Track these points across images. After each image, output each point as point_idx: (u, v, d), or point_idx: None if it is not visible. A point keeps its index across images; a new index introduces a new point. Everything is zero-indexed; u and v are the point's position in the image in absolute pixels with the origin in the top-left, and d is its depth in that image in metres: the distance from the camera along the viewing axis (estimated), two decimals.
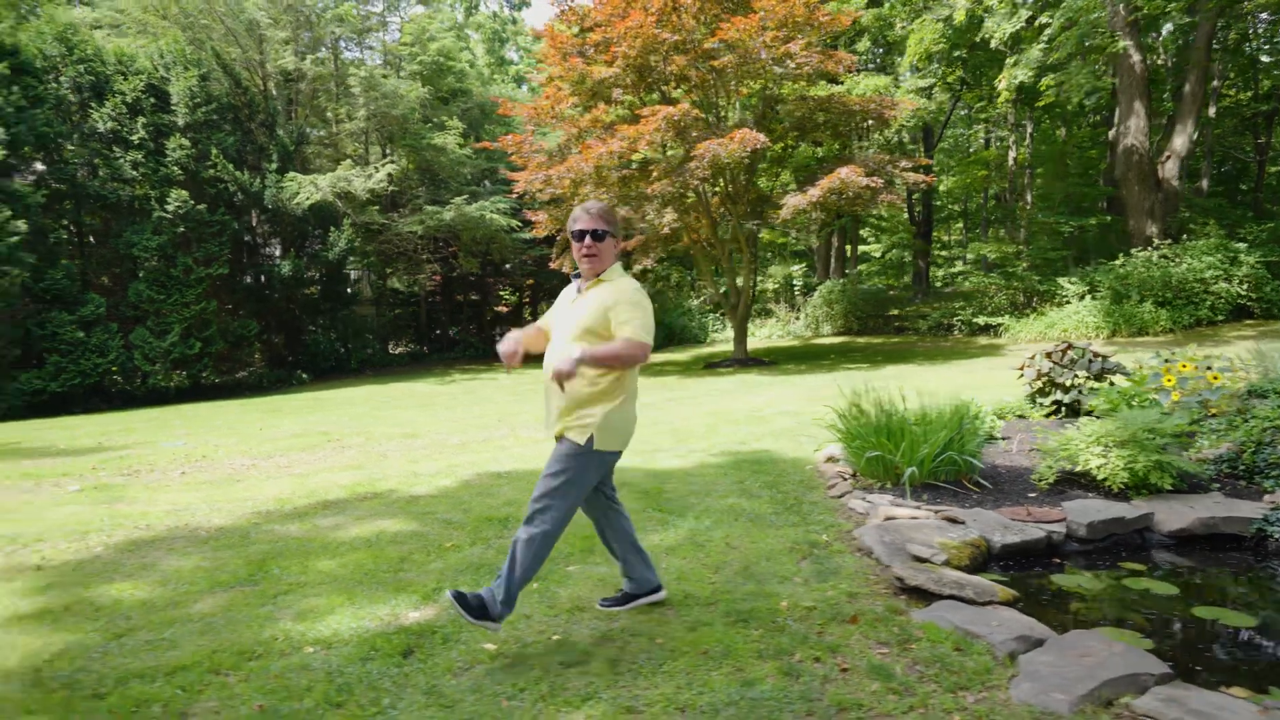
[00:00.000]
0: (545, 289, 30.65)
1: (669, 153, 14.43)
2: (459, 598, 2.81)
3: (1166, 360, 6.10)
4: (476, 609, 2.80)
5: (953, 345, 19.58)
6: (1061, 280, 18.70)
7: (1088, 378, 6.88)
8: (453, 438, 8.69)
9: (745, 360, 17.56)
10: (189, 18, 18.84)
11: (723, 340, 28.35)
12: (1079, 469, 4.50)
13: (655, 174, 14.37)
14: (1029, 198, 29.40)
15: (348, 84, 19.78)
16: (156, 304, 16.65)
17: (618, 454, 3.00)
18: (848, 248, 32.27)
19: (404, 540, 4.48)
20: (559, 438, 2.92)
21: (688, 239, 17.31)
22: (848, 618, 2.90)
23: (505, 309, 33.17)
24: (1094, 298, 17.55)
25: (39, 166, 16.00)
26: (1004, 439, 5.97)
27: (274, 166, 18.66)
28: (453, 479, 6.24)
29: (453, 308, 28.72)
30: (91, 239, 17.46)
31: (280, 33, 19.27)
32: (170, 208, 16.47)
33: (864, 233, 34.32)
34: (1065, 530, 3.78)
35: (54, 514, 5.32)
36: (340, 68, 20.26)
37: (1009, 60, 16.24)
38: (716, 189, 16.09)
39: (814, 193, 13.67)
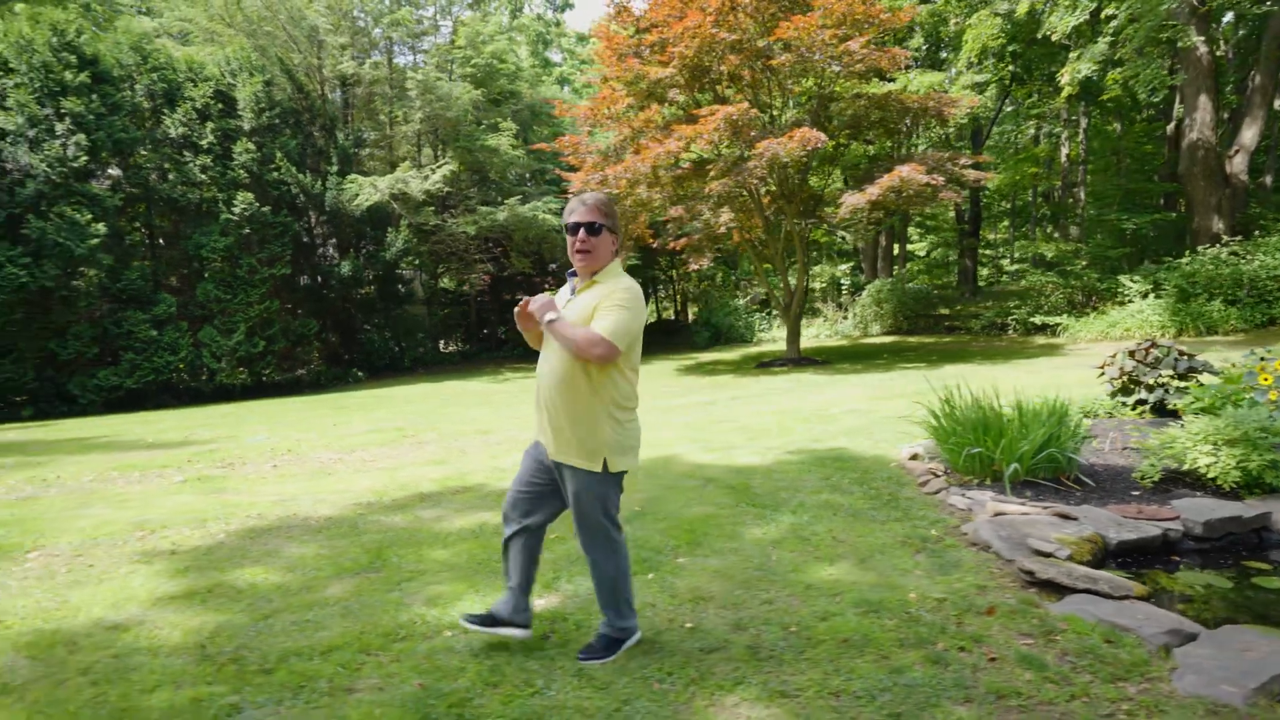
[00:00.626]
0: None
1: (724, 152, 14.45)
2: (586, 653, 2.79)
3: (1262, 358, 5.97)
4: (603, 649, 2.80)
5: (1008, 345, 19.27)
6: (1123, 278, 18.30)
7: (1173, 376, 6.77)
8: (523, 434, 8.84)
9: (799, 359, 17.50)
10: (252, 25, 19.40)
11: (769, 339, 28.26)
12: (1185, 467, 4.45)
13: (712, 173, 14.41)
14: (1082, 195, 28.81)
15: (405, 87, 20.18)
16: (223, 303, 17.17)
17: (624, 472, 2.82)
18: (895, 246, 31.95)
19: (444, 542, 4.59)
20: (561, 465, 2.74)
21: (737, 238, 17.32)
22: (983, 609, 2.94)
23: None
24: (1158, 296, 17.15)
25: (114, 171, 16.59)
26: (1094, 437, 5.91)
27: (334, 169, 19.12)
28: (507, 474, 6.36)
29: (501, 307, 29.08)
30: (161, 241, 18.04)
31: (339, 38, 19.74)
32: (237, 210, 16.98)
33: (911, 231, 33.94)
34: (1181, 528, 3.75)
35: (168, 503, 5.56)
36: (395, 71, 20.65)
37: (1072, 54, 15.93)
38: (769, 188, 16.07)
39: (873, 191, 13.58)
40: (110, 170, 16.41)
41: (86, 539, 4.57)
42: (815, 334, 27.41)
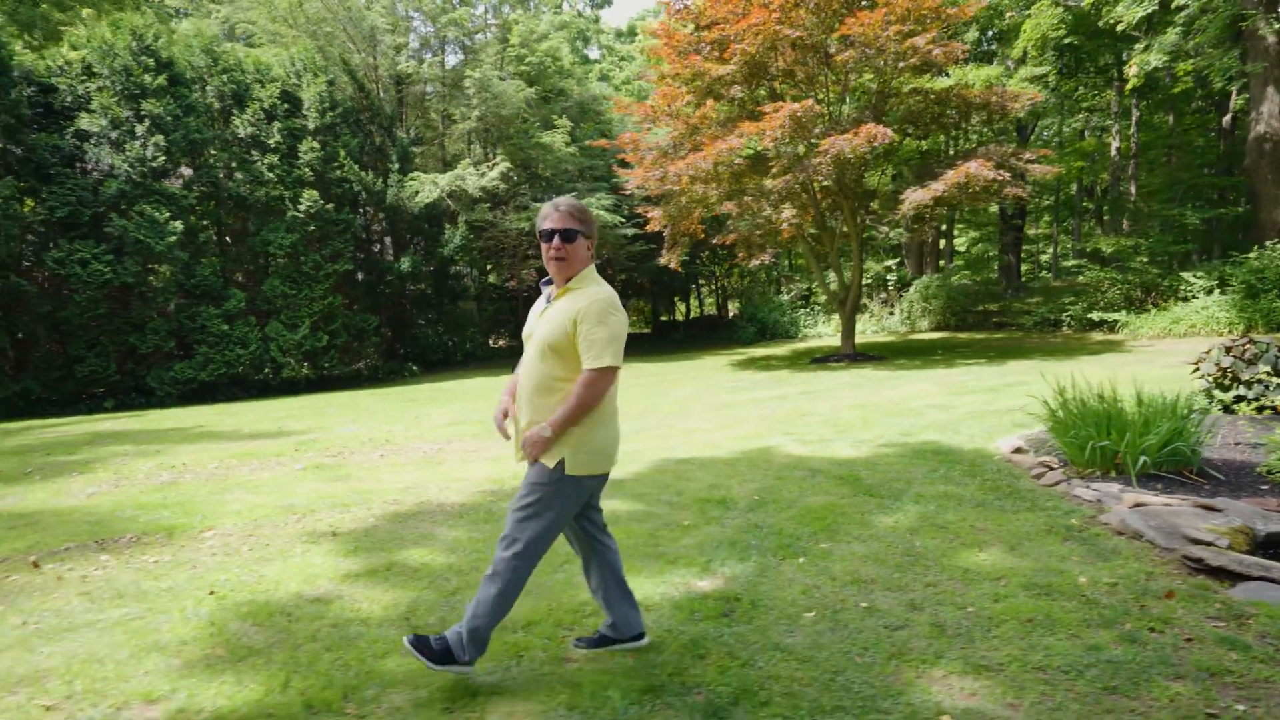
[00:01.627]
0: (636, 285, 31.06)
1: (785, 148, 14.52)
2: (418, 644, 2.60)
3: None
4: (440, 654, 2.59)
5: (1065, 341, 19.11)
6: (1186, 274, 18.04)
7: (1270, 373, 6.77)
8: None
9: (855, 355, 17.53)
10: (313, 25, 19.85)
11: (814, 335, 28.24)
12: None
13: (774, 169, 14.50)
14: (1133, 188, 28.34)
15: (462, 86, 20.50)
16: (288, 299, 17.62)
17: (601, 479, 2.72)
18: (941, 242, 31.72)
19: (640, 519, 4.79)
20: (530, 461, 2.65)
21: (787, 234, 17.36)
22: (1160, 593, 3.06)
23: None
24: (1223, 292, 16.90)
25: (185, 171, 17.09)
26: (1205, 433, 5.95)
27: (396, 167, 19.51)
28: (639, 464, 6.54)
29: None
30: (228, 238, 18.55)
31: (398, 38, 20.12)
32: (302, 207, 17.41)
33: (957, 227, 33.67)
34: None
35: (302, 489, 5.83)
36: (450, 70, 20.98)
37: (1138, 45, 15.73)
38: (825, 183, 16.10)
39: (937, 187, 13.57)
40: (182, 170, 16.91)
41: (248, 520, 4.85)
42: (862, 329, 27.29)
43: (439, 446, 7.91)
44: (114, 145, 15.22)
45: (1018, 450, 6.12)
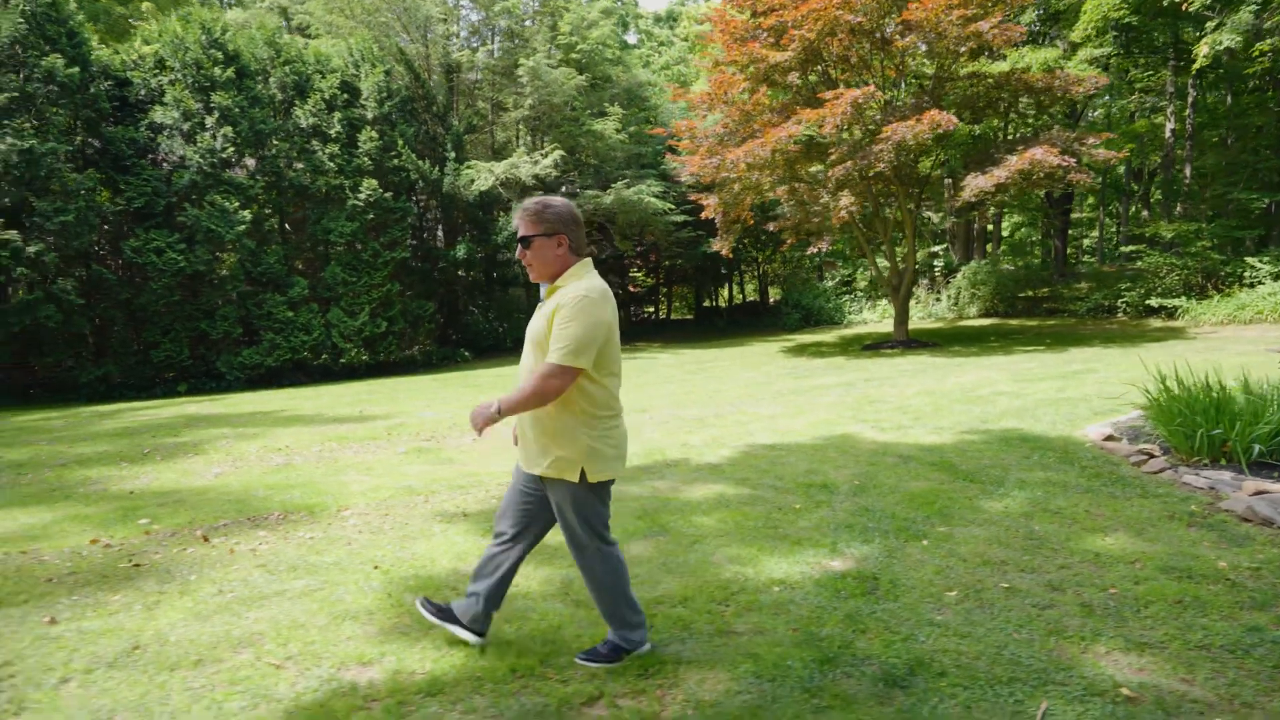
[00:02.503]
0: (679, 272, 31.14)
1: (845, 135, 14.49)
2: (590, 657, 2.76)
3: None
4: (608, 654, 2.76)
5: (1121, 328, 18.86)
6: (1251, 260, 17.68)
7: None
8: (682, 412, 9.20)
9: (908, 342, 17.48)
10: (369, 15, 20.16)
11: (859, 322, 28.13)
12: None
13: (833, 156, 14.48)
14: (1188, 171, 27.67)
15: (513, 74, 20.70)
16: (349, 286, 18.03)
17: (611, 482, 2.75)
18: (989, 227, 31.29)
19: (750, 502, 4.95)
20: (543, 480, 2.69)
21: (838, 220, 17.30)
22: None
23: (636, 289, 33.91)
24: None
25: (248, 161, 17.52)
26: None
27: (452, 155, 19.81)
28: (728, 450, 6.70)
29: None
30: (288, 226, 18.98)
31: (451, 27, 20.35)
32: (362, 196, 17.77)
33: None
34: None
35: (413, 470, 6.09)
36: (504, 58, 21.17)
37: (1209, 25, 15.38)
38: (884, 170, 16.04)
39: (1000, 174, 13.47)
40: (246, 160, 17.34)
41: (377, 501, 5.11)
42: (909, 316, 27.12)
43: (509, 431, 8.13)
44: (185, 137, 15.68)
45: (1109, 438, 6.17)
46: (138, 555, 4.00)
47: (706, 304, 34.61)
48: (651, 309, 33.86)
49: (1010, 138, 17.59)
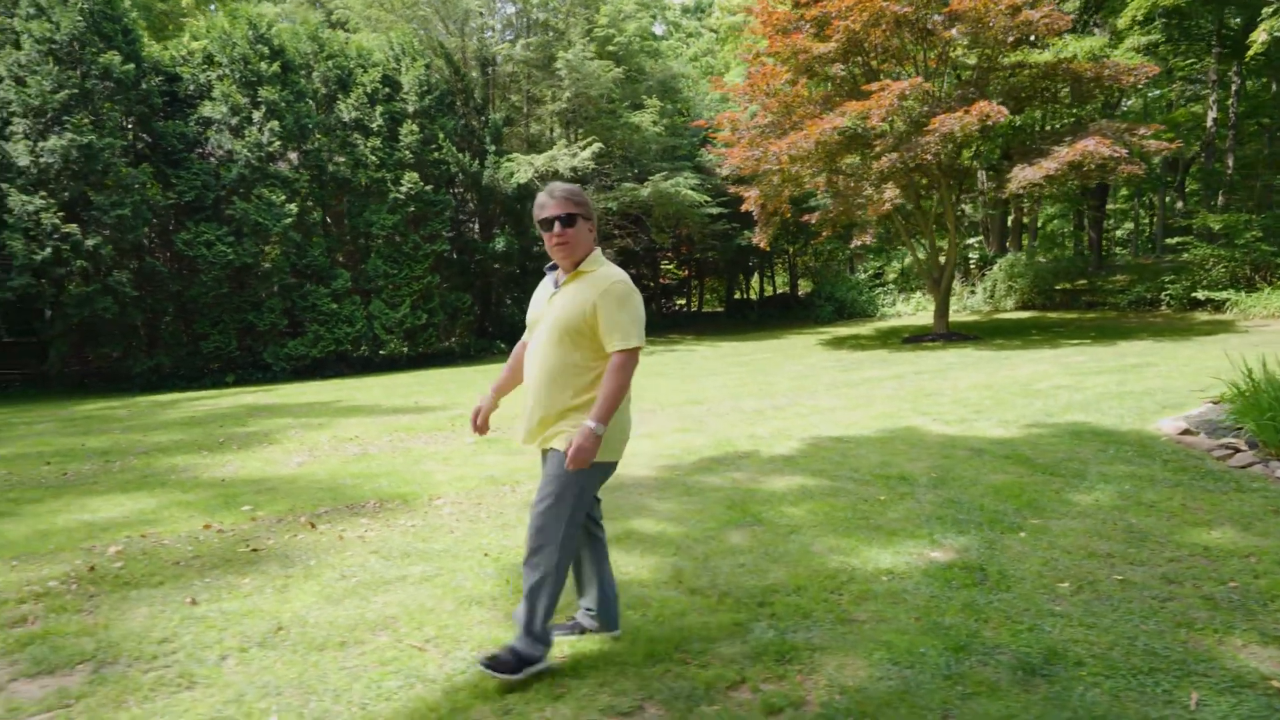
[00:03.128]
0: (710, 265, 31.11)
1: (892, 127, 14.38)
2: (491, 664, 2.58)
3: None
4: (513, 665, 2.58)
5: (1166, 321, 18.61)
6: None
7: None
8: (740, 404, 9.24)
9: (949, 334, 17.39)
10: (408, 9, 20.31)
11: (892, 314, 27.95)
12: None
13: (878, 148, 14.40)
14: (1230, 161, 27.13)
15: (550, 67, 20.77)
16: (390, 278, 18.24)
17: (615, 464, 2.71)
18: (1025, 219, 30.89)
19: (832, 493, 4.98)
20: (545, 451, 2.67)
21: (874, 213, 17.19)
22: None
23: (668, 281, 33.92)
24: None
25: (291, 156, 17.75)
26: None
27: (493, 148, 19.94)
28: (795, 441, 6.73)
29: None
30: (328, 219, 19.21)
31: (489, 20, 20.44)
32: (403, 189, 17.95)
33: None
34: None
35: (488, 461, 6.19)
36: (540, 51, 21.22)
37: (1266, 10, 15.07)
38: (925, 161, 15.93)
39: (1049, 165, 13.33)
40: (289, 154, 17.56)
41: (466, 490, 5.21)
42: (936, 309, 26.89)
43: None
44: (233, 131, 15.91)
45: (1185, 432, 6.12)
46: (252, 540, 4.13)
47: (737, 296, 34.56)
48: (683, 301, 33.86)
49: (1052, 128, 17.33)
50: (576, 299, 2.56)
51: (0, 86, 13.34)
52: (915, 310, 27.83)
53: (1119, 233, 42.00)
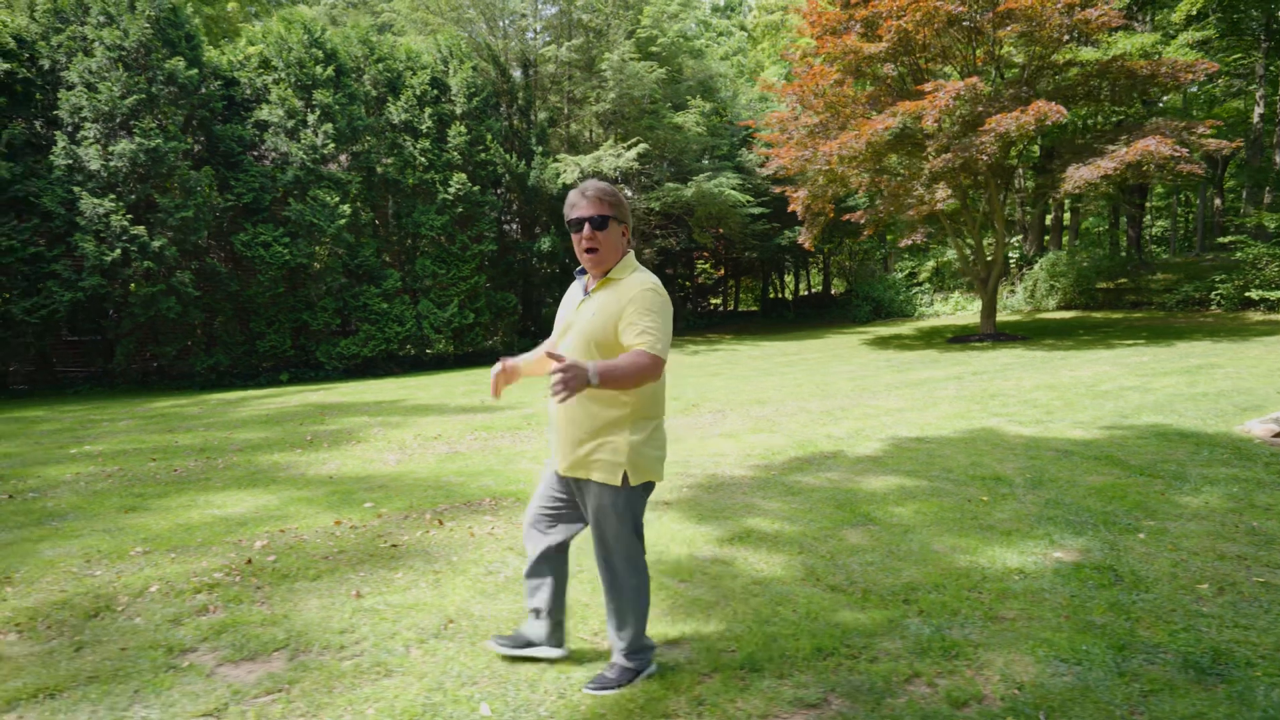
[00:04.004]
0: (746, 264, 31.11)
1: (947, 127, 14.34)
2: (599, 684, 2.61)
3: None
4: (616, 680, 2.61)
5: (1218, 321, 18.37)
6: None
7: None
8: (806, 405, 9.30)
9: (996, 335, 17.30)
10: (455, 11, 20.56)
11: (930, 314, 27.81)
12: None
13: (931, 148, 14.37)
14: (1278, 158, 26.64)
15: (593, 68, 20.92)
16: (438, 278, 18.49)
17: (654, 484, 2.61)
18: (1066, 217, 30.56)
19: (933, 494, 5.04)
20: (579, 481, 2.56)
21: (917, 214, 17.12)
22: None
23: (701, 280, 33.95)
24: None
25: (341, 158, 18.03)
26: None
27: (540, 149, 20.14)
28: (876, 442, 6.79)
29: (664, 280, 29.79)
30: (376, 221, 19.50)
31: (533, 22, 20.65)
32: (452, 190, 18.18)
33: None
34: None
35: None
36: (582, 52, 21.38)
37: None
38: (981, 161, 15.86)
39: (1106, 164, 13.23)
40: (340, 156, 17.84)
41: None
42: (981, 308, 26.71)
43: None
44: (289, 134, 16.21)
45: (1278, 435, 6.13)
46: (387, 536, 4.28)
47: (772, 295, 34.53)
48: (717, 300, 33.90)
49: (1099, 127, 17.16)
50: (606, 309, 2.41)
51: (73, 93, 13.70)
52: (954, 310, 27.67)
53: (1153, 230, 41.40)
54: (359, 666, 2.79)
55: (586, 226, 2.42)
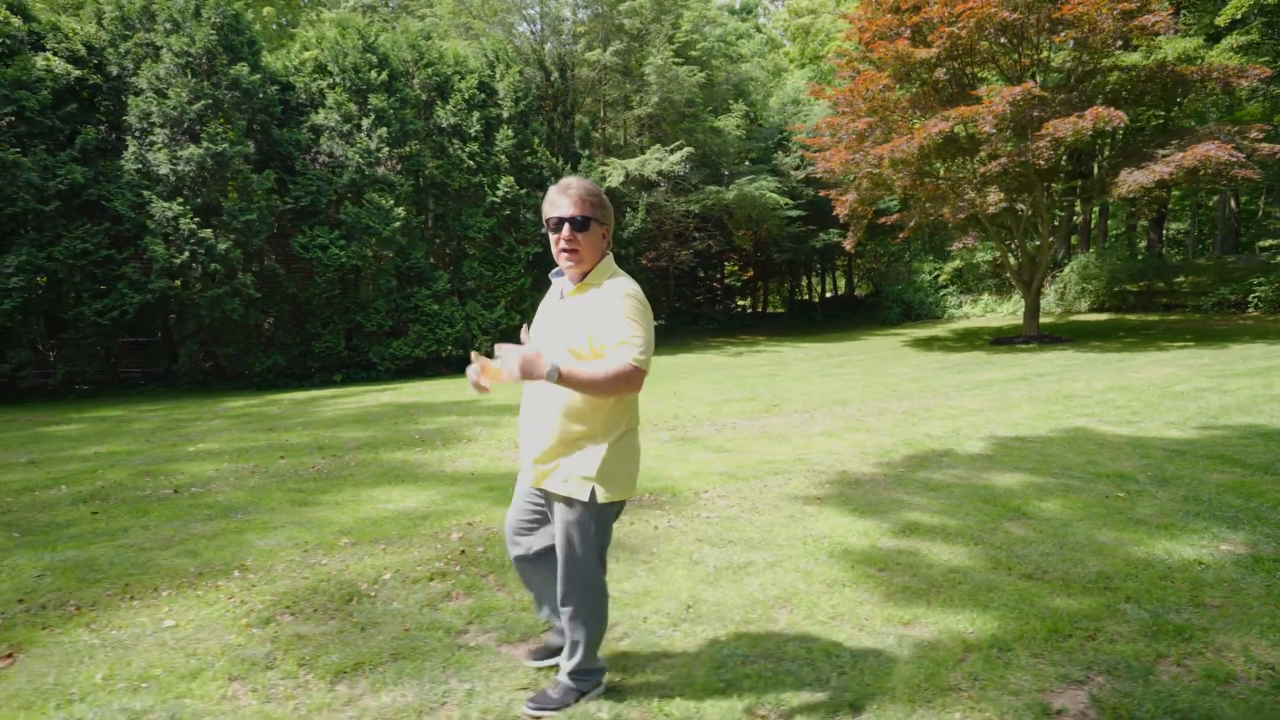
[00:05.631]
0: (774, 267, 31.28)
1: (1004, 131, 14.50)
2: (538, 703, 2.54)
3: None
4: (558, 702, 2.53)
5: (1259, 324, 18.50)
6: None
7: None
8: (885, 405, 9.46)
9: (1040, 337, 17.45)
10: (498, 16, 20.84)
11: (960, 316, 27.96)
12: None
13: (984, 152, 14.55)
14: None
15: (637, 72, 21.17)
16: (485, 280, 18.74)
17: (624, 502, 2.51)
18: (1094, 219, 30.66)
19: (1067, 490, 5.20)
20: (547, 494, 2.45)
21: (949, 213, 17.23)
22: None
23: (728, 282, 34.14)
24: None
25: (392, 161, 18.25)
26: None
27: (586, 152, 20.40)
28: (979, 442, 6.94)
29: (683, 282, 30.04)
30: (428, 223, 19.73)
31: (579, 27, 20.90)
32: (500, 193, 18.41)
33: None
34: None
35: (699, 458, 6.51)
36: (624, 56, 21.62)
37: None
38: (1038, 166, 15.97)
39: (1161, 169, 13.39)
40: (391, 159, 18.07)
41: (721, 485, 5.53)
42: (1012, 310, 26.88)
43: (755, 422, 8.53)
44: (344, 138, 16.47)
45: None
46: None
47: (800, 297, 34.72)
48: (745, 302, 34.10)
49: (1149, 132, 17.32)
50: (583, 315, 2.31)
51: (141, 98, 13.96)
52: (984, 312, 27.81)
53: (1167, 232, 41.43)
54: (634, 646, 3.00)
55: (566, 227, 2.28)
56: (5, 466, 7.11)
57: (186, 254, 13.80)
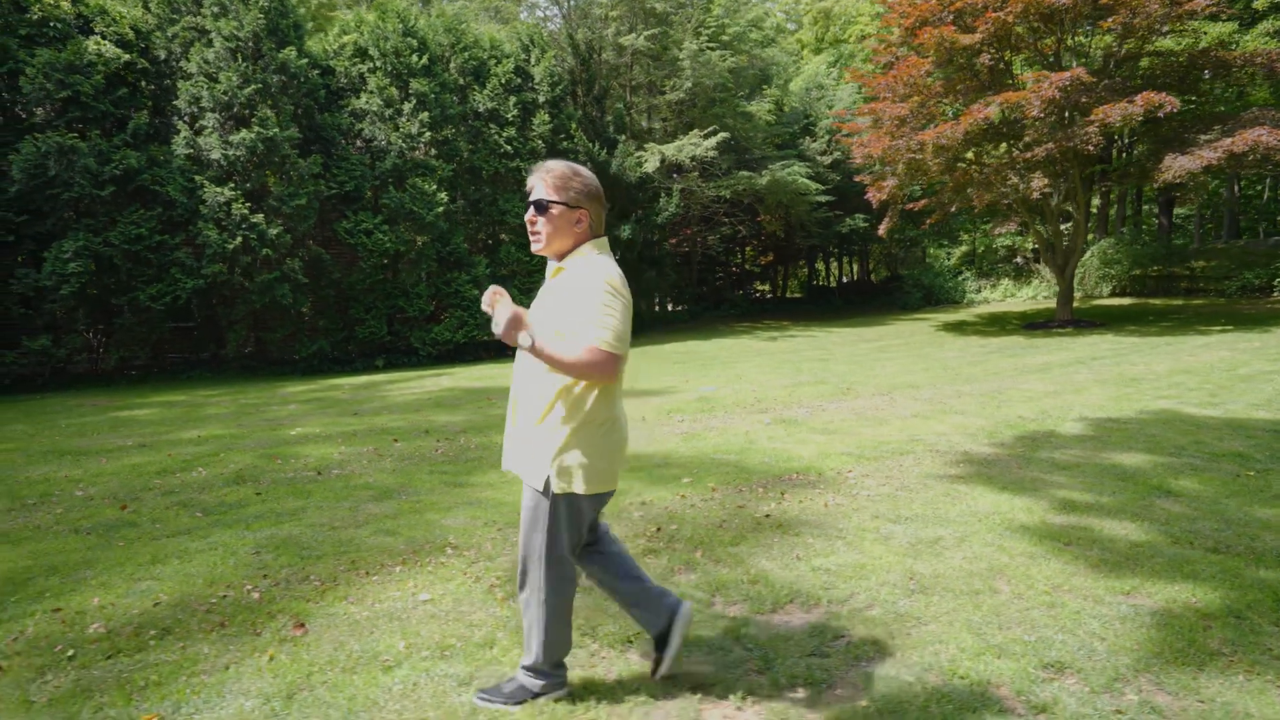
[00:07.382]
0: (793, 251, 31.38)
1: (1051, 117, 14.59)
2: (488, 694, 2.47)
3: None
4: (507, 698, 2.44)
5: None
6: None
7: None
8: (959, 389, 9.62)
9: (1075, 321, 17.64)
10: (532, 1, 20.83)
11: (980, 300, 28.13)
12: None
13: (1029, 138, 14.65)
14: None
15: (670, 57, 21.16)
16: (522, 264, 18.79)
17: (605, 498, 2.37)
18: (1112, 204, 30.81)
19: (1191, 469, 5.33)
20: (520, 477, 2.35)
21: (988, 196, 17.31)
22: None
23: (747, 267, 34.24)
24: None
25: (431, 147, 18.24)
26: None
27: (622, 138, 20.41)
28: (1074, 424, 7.08)
29: (704, 267, 30.14)
30: (465, 208, 19.74)
31: (612, 12, 20.86)
32: None
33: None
34: None
35: (817, 440, 6.66)
36: (656, 41, 21.60)
37: None
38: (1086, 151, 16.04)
39: (1208, 155, 13.52)
40: (430, 144, 18.06)
41: (851, 464, 5.68)
42: (1033, 295, 27.07)
43: (836, 405, 8.68)
44: (386, 122, 16.46)
45: None
46: (747, 509, 4.62)
47: (818, 282, 34.87)
48: (764, 287, 34.24)
49: (1191, 117, 17.42)
50: (559, 295, 2.27)
51: (191, 83, 13.94)
52: (1003, 297, 27.99)
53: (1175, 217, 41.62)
54: (884, 614, 3.15)
55: (531, 209, 2.29)
56: (120, 450, 7.21)
57: (239, 239, 13.83)
